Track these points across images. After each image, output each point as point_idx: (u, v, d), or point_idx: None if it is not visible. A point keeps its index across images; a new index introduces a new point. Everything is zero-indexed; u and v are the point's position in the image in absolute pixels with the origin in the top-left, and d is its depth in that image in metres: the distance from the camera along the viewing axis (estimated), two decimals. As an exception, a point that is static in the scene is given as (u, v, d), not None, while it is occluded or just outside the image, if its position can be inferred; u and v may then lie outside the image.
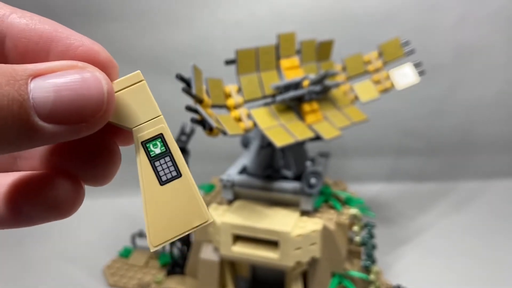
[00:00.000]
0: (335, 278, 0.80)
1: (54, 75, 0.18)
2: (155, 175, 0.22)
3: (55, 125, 0.18)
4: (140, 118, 0.22)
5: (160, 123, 0.22)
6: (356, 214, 0.82)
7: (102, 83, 0.19)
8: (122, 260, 1.04)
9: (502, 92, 1.40)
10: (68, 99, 0.18)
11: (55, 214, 0.23)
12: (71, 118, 0.18)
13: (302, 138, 0.75)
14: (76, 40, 0.20)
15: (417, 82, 0.91)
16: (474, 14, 1.32)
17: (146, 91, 0.22)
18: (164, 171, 0.22)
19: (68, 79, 0.18)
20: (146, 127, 0.22)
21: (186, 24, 1.32)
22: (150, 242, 0.22)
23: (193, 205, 0.21)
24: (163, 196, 0.22)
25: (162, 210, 0.22)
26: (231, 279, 0.86)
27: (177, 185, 0.22)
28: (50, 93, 0.18)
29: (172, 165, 0.22)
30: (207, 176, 1.03)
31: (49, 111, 0.18)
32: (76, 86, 0.18)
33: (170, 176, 0.22)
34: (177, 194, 0.22)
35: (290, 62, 0.84)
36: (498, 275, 0.98)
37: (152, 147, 0.22)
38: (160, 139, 0.22)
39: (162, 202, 0.22)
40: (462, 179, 1.42)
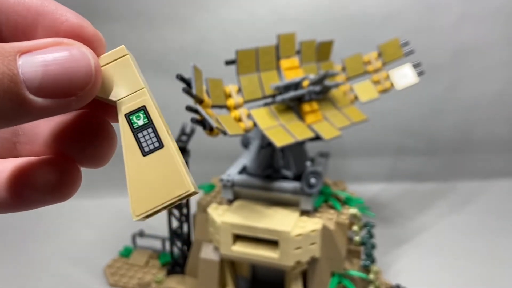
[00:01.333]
0: (334, 278, 0.80)
1: (42, 51, 0.19)
2: (137, 146, 0.22)
3: (45, 99, 0.19)
4: (124, 91, 0.22)
5: (143, 95, 0.22)
6: (356, 214, 0.82)
7: (89, 57, 0.20)
8: (122, 259, 1.04)
9: (501, 92, 1.40)
10: (57, 74, 0.19)
11: (54, 197, 0.23)
12: (61, 92, 0.19)
13: (302, 138, 0.75)
14: (62, 14, 0.21)
15: (417, 82, 0.91)
16: (473, 14, 1.33)
17: (130, 65, 0.22)
18: (146, 142, 0.22)
19: (56, 55, 0.19)
20: (130, 99, 0.22)
21: (186, 25, 1.33)
22: (133, 211, 0.22)
23: (176, 175, 0.21)
24: (145, 166, 0.22)
25: (144, 180, 0.22)
26: (231, 278, 0.86)
27: (159, 156, 0.22)
28: (39, 68, 0.18)
29: (155, 136, 0.22)
30: (207, 176, 1.03)
31: (39, 85, 0.18)
32: (64, 60, 0.19)
33: (152, 147, 0.22)
34: (159, 164, 0.22)
35: (290, 63, 0.84)
36: (497, 275, 0.98)
37: (135, 119, 0.22)
38: (143, 111, 0.22)
39: (145, 172, 0.22)
40: (462, 179, 1.43)
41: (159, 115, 0.22)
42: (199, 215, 0.88)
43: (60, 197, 0.24)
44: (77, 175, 0.24)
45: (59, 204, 0.24)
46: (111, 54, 0.22)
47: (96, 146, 0.23)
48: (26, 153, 0.24)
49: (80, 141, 0.23)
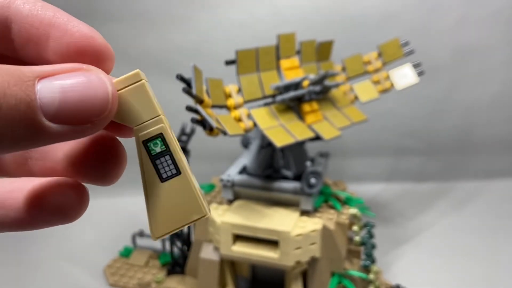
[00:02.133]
0: (334, 278, 0.80)
1: (60, 77, 0.19)
2: (155, 172, 0.23)
3: (61, 125, 0.18)
4: (141, 118, 0.22)
5: (160, 123, 0.22)
6: (356, 214, 0.82)
7: (107, 84, 0.20)
8: (122, 259, 1.04)
9: (501, 92, 1.40)
10: (74, 100, 0.19)
11: (61, 219, 0.24)
12: (77, 119, 0.19)
13: (302, 138, 0.75)
14: (74, 26, 0.21)
15: (417, 82, 0.91)
16: (473, 15, 1.33)
17: (146, 90, 0.22)
18: (164, 169, 0.23)
19: (74, 81, 0.19)
20: (147, 126, 0.22)
21: (186, 25, 1.33)
22: (153, 234, 0.23)
23: (192, 201, 0.23)
24: (163, 192, 0.23)
25: (163, 204, 0.23)
26: (231, 278, 0.86)
27: (176, 182, 0.23)
28: (56, 94, 0.18)
29: (172, 163, 0.23)
30: (208, 176, 1.03)
31: (55, 111, 0.18)
32: (81, 87, 0.19)
33: (170, 174, 0.23)
34: (176, 190, 0.23)
35: (290, 63, 0.84)
36: (497, 275, 0.98)
37: (152, 146, 0.23)
38: (160, 139, 0.22)
39: (163, 197, 0.23)
40: (461, 179, 1.43)
41: (175, 142, 0.23)
42: (199, 215, 0.88)
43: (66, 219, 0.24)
44: (84, 198, 0.24)
45: None
46: (126, 78, 0.22)
47: (107, 165, 0.24)
48: (38, 169, 0.25)
49: (90, 161, 0.24)
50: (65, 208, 0.23)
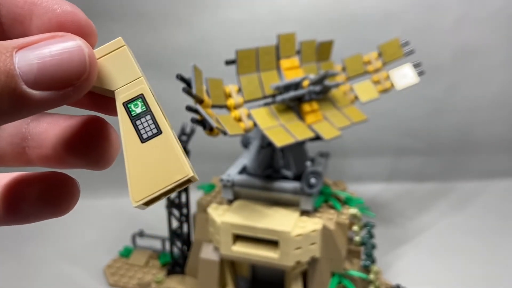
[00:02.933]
0: (335, 278, 0.80)
1: (36, 46, 0.20)
2: (136, 133, 0.22)
3: (43, 91, 0.19)
4: (122, 81, 0.22)
5: (140, 84, 0.22)
6: (356, 214, 0.82)
7: (82, 47, 0.20)
8: (122, 259, 1.04)
9: (501, 92, 1.40)
10: (52, 65, 0.19)
11: (51, 212, 0.24)
12: (57, 83, 0.19)
13: (302, 138, 0.75)
14: (56, 3, 0.22)
15: (417, 82, 0.91)
16: (473, 15, 1.33)
17: (127, 55, 0.23)
18: (145, 129, 0.22)
19: (50, 48, 0.20)
20: (127, 88, 0.22)
21: (186, 25, 1.33)
22: (132, 197, 0.22)
23: (174, 161, 0.22)
24: (144, 153, 0.22)
25: (143, 166, 0.22)
26: (231, 278, 0.86)
27: (158, 142, 0.22)
28: (34, 61, 0.19)
29: (153, 123, 0.22)
30: (208, 176, 1.03)
31: (35, 77, 0.19)
32: (57, 53, 0.20)
33: (150, 134, 0.22)
34: (158, 150, 0.22)
35: (290, 63, 0.84)
36: (497, 275, 0.98)
37: (133, 107, 0.22)
38: (140, 99, 0.22)
39: (144, 159, 0.22)
40: (461, 179, 1.43)
41: (157, 103, 0.22)
42: (199, 215, 0.88)
43: (57, 212, 0.24)
44: (73, 190, 0.25)
45: None
46: (108, 45, 0.23)
47: (100, 149, 0.24)
48: (35, 157, 0.25)
49: (84, 145, 0.24)
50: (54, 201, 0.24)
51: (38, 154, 0.25)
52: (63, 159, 0.25)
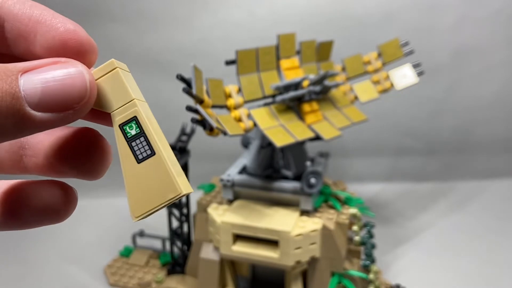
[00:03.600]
0: (334, 277, 0.80)
1: (41, 70, 0.21)
2: (132, 154, 0.24)
3: (45, 113, 0.20)
4: (116, 103, 0.24)
5: (133, 106, 0.24)
6: (356, 213, 0.83)
7: (84, 73, 0.22)
8: (122, 259, 1.04)
9: (500, 92, 1.41)
10: (55, 89, 0.21)
11: (49, 219, 0.25)
12: (59, 106, 0.21)
13: (301, 138, 0.75)
14: (59, 21, 0.23)
15: (416, 82, 0.91)
16: (472, 15, 1.33)
17: (120, 78, 0.24)
18: (140, 150, 0.24)
19: (54, 73, 0.21)
20: (122, 111, 0.24)
21: (186, 25, 1.33)
22: (132, 213, 0.24)
23: (167, 180, 0.23)
24: (140, 173, 0.24)
25: (140, 185, 0.24)
26: (231, 278, 0.87)
27: (152, 162, 0.24)
28: (38, 85, 0.20)
29: (147, 144, 0.24)
30: (208, 176, 1.03)
31: (38, 100, 0.20)
32: (61, 77, 0.21)
33: (145, 155, 0.24)
34: (152, 170, 0.24)
35: (290, 63, 0.84)
36: (496, 274, 0.98)
37: (128, 129, 0.24)
38: (134, 121, 0.24)
39: (140, 178, 0.24)
40: (461, 179, 1.43)
41: (150, 124, 0.24)
42: (199, 215, 0.88)
43: (55, 219, 0.25)
44: (72, 197, 0.26)
45: None
46: (102, 68, 0.24)
47: (92, 160, 0.25)
48: (32, 165, 0.27)
49: (76, 156, 0.26)
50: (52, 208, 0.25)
51: (34, 162, 0.26)
52: (56, 168, 0.26)
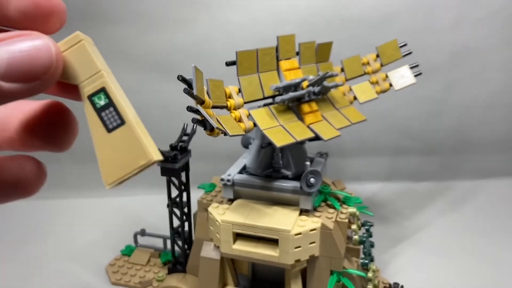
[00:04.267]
0: (333, 276, 0.81)
1: (5, 43, 0.21)
2: (102, 124, 0.24)
3: (12, 83, 0.21)
4: (84, 75, 0.24)
5: (100, 78, 0.24)
6: (355, 213, 0.84)
7: (50, 44, 0.22)
8: (124, 258, 1.05)
9: (498, 93, 1.42)
10: (21, 60, 0.21)
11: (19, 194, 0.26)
12: (25, 77, 0.21)
13: (301, 139, 0.76)
14: None
15: (414, 83, 0.92)
16: (470, 16, 1.34)
17: (86, 50, 0.24)
18: (110, 120, 0.24)
19: (20, 45, 0.22)
20: (90, 82, 0.24)
21: (187, 26, 1.34)
22: (105, 181, 0.24)
23: (137, 147, 0.24)
24: (111, 142, 0.24)
25: (112, 154, 0.24)
26: (232, 277, 0.87)
27: (122, 131, 0.24)
28: (4, 56, 0.21)
29: (116, 114, 0.24)
30: (208, 175, 1.04)
31: (4, 71, 0.21)
32: (26, 49, 0.22)
33: (115, 124, 0.24)
34: (123, 139, 0.24)
35: (290, 64, 0.85)
36: (494, 273, 0.99)
37: (97, 99, 0.24)
38: (103, 92, 0.24)
39: (111, 147, 0.24)
40: (458, 179, 1.44)
41: (118, 95, 0.24)
42: (200, 214, 0.89)
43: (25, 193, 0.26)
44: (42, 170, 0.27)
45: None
46: (68, 40, 0.24)
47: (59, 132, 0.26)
48: (1, 140, 0.27)
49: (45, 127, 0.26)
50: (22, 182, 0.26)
51: (3, 137, 0.27)
52: (26, 141, 0.27)
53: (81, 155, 1.39)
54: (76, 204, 1.33)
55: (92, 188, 1.37)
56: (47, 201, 1.33)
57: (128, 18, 1.32)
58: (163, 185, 0.96)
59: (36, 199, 1.33)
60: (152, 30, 1.33)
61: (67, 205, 1.32)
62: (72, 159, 1.39)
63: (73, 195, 1.36)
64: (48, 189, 1.50)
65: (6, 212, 1.29)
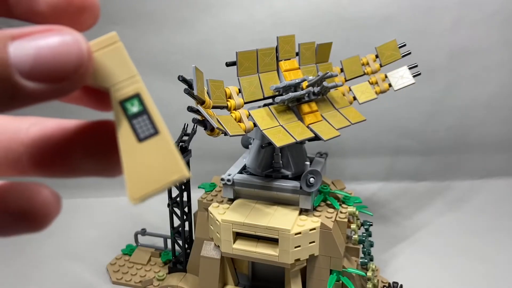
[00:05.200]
0: (333, 275, 0.81)
1: (33, 37, 0.19)
2: (133, 132, 0.22)
3: (37, 83, 0.19)
4: (117, 78, 0.22)
5: (137, 82, 0.22)
6: (354, 212, 0.84)
7: (80, 41, 0.20)
8: (125, 257, 1.06)
9: (496, 93, 1.42)
10: (48, 57, 0.19)
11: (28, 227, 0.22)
12: (53, 76, 0.19)
13: (301, 139, 0.76)
14: None
15: (413, 83, 0.93)
16: (469, 17, 1.34)
17: (122, 51, 0.22)
18: (142, 128, 0.22)
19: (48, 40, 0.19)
20: (123, 86, 0.22)
21: (188, 27, 1.34)
22: (130, 195, 0.22)
23: (171, 161, 0.22)
24: (141, 152, 0.22)
25: (140, 165, 0.22)
26: (232, 276, 0.88)
27: (155, 142, 0.22)
28: (30, 51, 0.19)
29: (150, 122, 0.22)
30: (209, 175, 1.04)
31: (30, 68, 0.18)
32: (55, 45, 0.19)
33: (148, 133, 0.22)
34: (155, 150, 0.22)
35: (290, 64, 0.86)
36: (491, 272, 1.00)
37: (129, 106, 0.22)
38: (137, 98, 0.22)
39: (141, 158, 0.22)
40: (457, 178, 1.44)
41: (152, 102, 0.22)
42: (200, 213, 0.89)
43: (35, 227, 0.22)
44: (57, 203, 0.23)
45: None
46: (102, 40, 0.22)
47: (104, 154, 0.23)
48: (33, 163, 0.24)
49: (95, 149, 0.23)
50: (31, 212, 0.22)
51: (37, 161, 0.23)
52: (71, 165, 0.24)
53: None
54: (77, 204, 1.34)
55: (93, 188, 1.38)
56: (47, 201, 1.33)
57: (128, 19, 1.32)
58: (163, 184, 0.96)
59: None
60: (152, 31, 1.34)
61: (68, 205, 1.32)
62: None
63: (74, 195, 1.36)
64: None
65: None
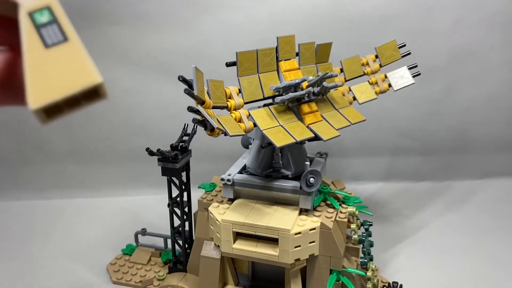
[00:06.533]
0: (333, 275, 0.81)
1: None
2: (40, 39, 0.20)
3: None
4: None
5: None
6: (354, 212, 0.84)
7: None
8: (125, 257, 1.06)
9: (496, 93, 1.42)
10: None
11: None
12: None
13: (301, 139, 0.76)
14: None
15: (413, 83, 0.93)
16: (469, 18, 1.34)
17: None
18: (50, 36, 0.21)
19: None
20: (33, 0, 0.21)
21: (188, 27, 1.34)
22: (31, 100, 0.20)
23: (81, 67, 0.20)
24: (47, 58, 0.20)
25: (46, 71, 0.20)
26: (232, 276, 0.88)
27: (64, 48, 0.21)
28: None
29: (60, 31, 0.21)
30: (209, 175, 1.05)
31: None
32: None
33: (56, 40, 0.21)
34: (64, 57, 0.20)
35: (290, 64, 0.86)
36: (492, 273, 1.00)
37: (38, 16, 0.21)
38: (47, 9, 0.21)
39: (47, 63, 0.20)
40: (457, 179, 1.45)
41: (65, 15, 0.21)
42: (200, 213, 0.90)
43: None
44: None
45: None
46: None
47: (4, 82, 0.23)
48: None
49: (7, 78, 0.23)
50: None
51: None
52: None
53: (81, 155, 1.40)
54: (76, 204, 1.34)
55: (93, 188, 1.38)
56: (47, 201, 1.34)
57: (128, 19, 1.33)
58: (163, 185, 0.96)
59: (36, 199, 1.34)
60: (152, 31, 1.34)
61: (68, 205, 1.33)
62: (73, 159, 1.39)
63: (74, 195, 1.36)
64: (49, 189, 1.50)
65: (6, 212, 1.29)
